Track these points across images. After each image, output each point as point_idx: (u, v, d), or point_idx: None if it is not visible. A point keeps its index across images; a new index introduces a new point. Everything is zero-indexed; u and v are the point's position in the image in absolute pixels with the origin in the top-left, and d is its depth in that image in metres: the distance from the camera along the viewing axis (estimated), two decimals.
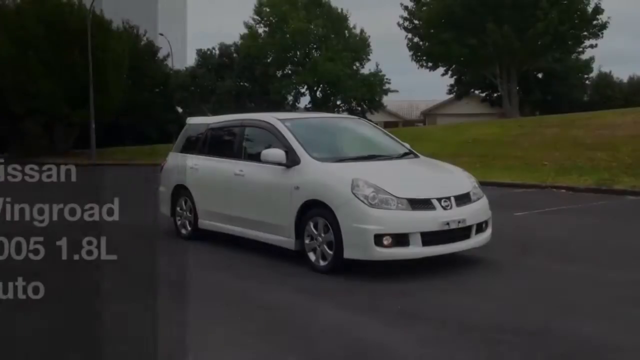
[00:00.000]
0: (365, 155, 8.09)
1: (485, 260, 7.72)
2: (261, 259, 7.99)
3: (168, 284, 6.67)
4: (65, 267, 4.46)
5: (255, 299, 6.18)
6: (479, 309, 5.77)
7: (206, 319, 5.57)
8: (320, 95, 47.40)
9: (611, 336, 5.08)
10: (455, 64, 44.10)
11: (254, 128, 8.71)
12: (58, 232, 4.42)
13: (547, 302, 5.98)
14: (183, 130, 10.33)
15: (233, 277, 7.13)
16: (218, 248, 8.76)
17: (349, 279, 6.81)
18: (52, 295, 4.32)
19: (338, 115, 11.70)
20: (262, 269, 7.49)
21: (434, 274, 6.99)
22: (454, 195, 7.23)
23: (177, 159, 9.92)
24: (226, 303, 6.06)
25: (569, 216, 11.57)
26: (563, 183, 16.35)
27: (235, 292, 6.48)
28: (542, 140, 21.56)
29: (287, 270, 7.33)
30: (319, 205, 7.19)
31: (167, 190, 9.72)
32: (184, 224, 9.45)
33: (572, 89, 50.28)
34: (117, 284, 6.30)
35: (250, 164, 8.32)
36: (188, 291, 6.47)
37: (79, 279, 5.33)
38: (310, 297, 6.25)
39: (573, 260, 7.73)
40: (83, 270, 5.49)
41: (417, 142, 24.88)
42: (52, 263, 4.36)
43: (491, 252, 8.06)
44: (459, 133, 25.71)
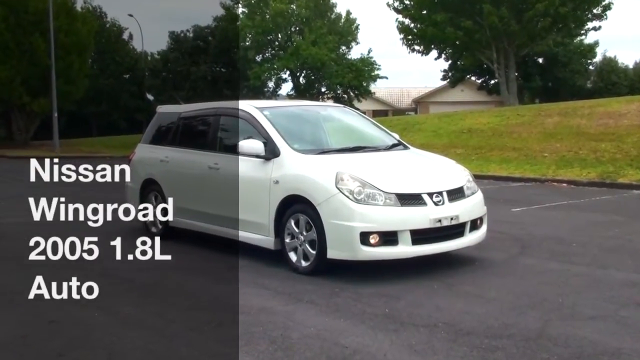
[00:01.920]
0: (351, 147, 8.09)
1: (480, 260, 7.75)
2: (237, 259, 7.96)
3: (136, 287, 6.68)
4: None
5: (230, 303, 6.15)
6: (473, 312, 5.79)
7: (177, 326, 5.55)
8: (304, 82, 47.33)
9: (613, 341, 5.11)
10: (449, 48, 44.17)
11: (230, 117, 8.68)
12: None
13: (546, 304, 6.00)
14: (153, 120, 10.28)
15: (206, 280, 7.10)
16: (190, 248, 8.72)
17: (332, 281, 6.80)
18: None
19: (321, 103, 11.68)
20: (238, 271, 7.46)
21: (424, 275, 7.00)
22: (447, 190, 7.25)
23: (146, 150, 9.88)
24: (199, 308, 6.03)
25: (571, 212, 11.64)
26: (564, 176, 16.47)
27: (208, 296, 6.45)
28: (542, 130, 21.67)
29: (266, 271, 7.32)
30: (300, 201, 7.18)
31: (136, 185, 9.68)
32: (154, 221, 9.39)
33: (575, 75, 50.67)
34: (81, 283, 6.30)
35: (226, 157, 8.29)
36: (158, 295, 6.46)
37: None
38: (290, 301, 6.24)
39: (574, 260, 7.78)
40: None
41: (407, 133, 25.17)
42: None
43: (486, 251, 8.08)
44: (453, 123, 25.79)
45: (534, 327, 5.40)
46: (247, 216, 7.85)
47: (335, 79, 45.03)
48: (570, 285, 6.67)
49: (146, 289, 6.70)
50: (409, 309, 5.92)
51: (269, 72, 45.79)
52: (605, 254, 8.07)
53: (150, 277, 7.12)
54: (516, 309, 5.88)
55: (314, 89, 47.50)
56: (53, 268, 6.08)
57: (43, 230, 6.02)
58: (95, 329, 5.51)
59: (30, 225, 6.09)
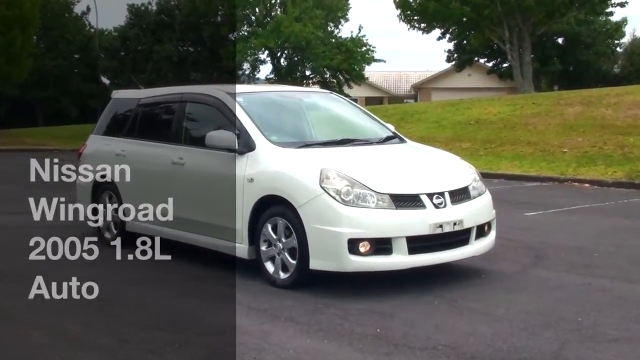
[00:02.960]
0: (338, 140, 8.09)
1: (488, 272, 7.76)
2: (205, 270, 7.93)
3: (87, 303, 6.64)
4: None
5: (196, 321, 6.13)
6: (478, 333, 5.79)
7: (132, 347, 5.53)
8: (285, 64, 47.29)
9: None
10: (455, 26, 44.26)
11: (198, 104, 8.66)
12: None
13: (563, 324, 6.02)
14: (107, 107, 10.27)
15: (168, 294, 7.07)
16: (150, 257, 8.69)
17: (315, 296, 6.79)
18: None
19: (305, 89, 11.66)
20: (205, 284, 7.44)
21: (422, 290, 7.01)
22: (449, 190, 7.26)
23: (100, 143, 9.86)
24: (158, 327, 6.00)
25: (593, 217, 11.69)
26: (586, 175, 16.54)
27: (170, 312, 6.43)
28: (561, 121, 21.76)
29: (238, 284, 7.29)
30: (278, 203, 7.17)
31: (87, 183, 9.63)
32: (108, 226, 9.37)
33: (600, 59, 50.95)
34: (14, 303, 6.30)
35: (193, 150, 8.28)
36: (112, 311, 6.43)
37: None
38: (266, 318, 6.23)
39: (596, 273, 7.81)
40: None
41: (405, 124, 25.21)
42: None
43: (495, 261, 8.10)
44: (459, 112, 25.85)
45: (548, 351, 5.41)
46: (216, 220, 7.83)
47: (323, 60, 45.01)
48: (591, 302, 6.69)
49: (99, 305, 6.66)
50: (404, 328, 5.91)
51: (245, 52, 45.71)
52: (632, 266, 8.10)
53: (103, 290, 7.07)
54: (528, 329, 5.89)
55: (297, 73, 47.47)
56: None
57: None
58: (36, 351, 5.47)
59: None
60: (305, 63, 46.95)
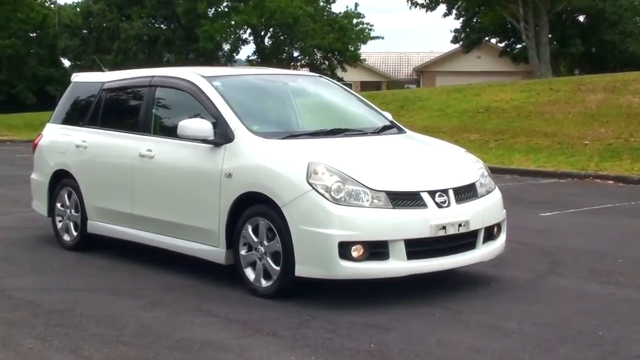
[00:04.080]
0: (328, 130, 8.10)
1: (497, 280, 7.79)
2: (177, 277, 7.94)
3: (43, 313, 6.64)
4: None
5: (167, 335, 6.13)
6: (486, 349, 5.81)
7: None
8: (270, 44, 47.29)
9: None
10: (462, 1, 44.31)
11: (169, 89, 8.67)
12: None
13: (581, 339, 6.04)
14: (67, 92, 10.28)
15: (135, 304, 7.06)
16: (115, 262, 8.72)
17: (302, 306, 6.80)
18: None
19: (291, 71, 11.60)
20: (177, 293, 7.45)
21: (422, 300, 7.03)
22: (454, 188, 7.28)
23: (58, 133, 9.85)
24: (123, 342, 6.00)
25: (617, 218, 11.73)
26: (610, 171, 16.60)
27: (137, 325, 6.42)
28: (582, 110, 21.83)
29: (214, 293, 7.31)
30: (260, 201, 7.18)
31: (44, 179, 9.65)
32: (67, 226, 9.39)
33: (626, 39, 50.95)
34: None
35: (163, 141, 8.29)
36: (71, 323, 6.42)
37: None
38: (245, 332, 6.22)
39: (620, 281, 7.84)
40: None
41: (406, 112, 25.26)
42: None
43: (505, 268, 8.13)
44: (466, 99, 25.90)
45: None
46: (189, 220, 7.84)
47: (312, 40, 45.05)
48: (614, 314, 6.71)
49: (56, 315, 6.66)
50: (402, 343, 5.92)
51: (224, 30, 45.66)
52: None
53: (62, 301, 7.08)
54: (542, 344, 5.91)
55: (283, 54, 47.48)
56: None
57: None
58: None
59: None
60: (293, 43, 46.92)
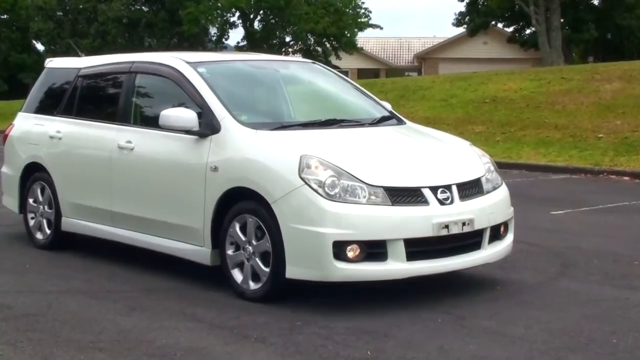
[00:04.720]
0: (322, 121, 8.10)
1: (504, 283, 7.79)
2: (158, 279, 7.94)
3: (13, 317, 6.63)
4: None
5: (148, 341, 6.13)
6: (492, 357, 5.82)
7: None
8: (260, 28, 47.24)
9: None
10: None
11: (151, 76, 8.67)
12: None
13: (594, 346, 6.04)
14: (40, 79, 10.27)
15: (113, 308, 7.06)
16: (92, 262, 8.72)
17: (293, 311, 6.80)
18: None
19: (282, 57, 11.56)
20: (159, 296, 7.45)
21: (423, 304, 7.03)
22: (457, 183, 7.28)
23: (30, 123, 9.84)
24: (100, 348, 6.00)
25: (634, 217, 11.75)
26: (626, 166, 16.62)
27: (115, 331, 6.42)
28: (596, 100, 21.85)
29: (199, 297, 7.31)
30: (248, 197, 7.18)
31: (15, 173, 9.65)
32: (40, 224, 9.38)
33: None
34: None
35: (144, 132, 8.30)
36: (44, 328, 6.42)
37: None
38: (233, 338, 6.23)
39: (635, 284, 7.86)
40: None
41: (406, 101, 25.26)
42: None
43: (513, 270, 8.13)
44: (472, 88, 25.92)
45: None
46: (171, 217, 7.84)
47: (306, 24, 45.02)
48: (629, 319, 6.72)
49: (28, 319, 6.65)
50: (401, 351, 5.92)
51: (211, 13, 45.61)
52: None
53: (35, 304, 7.06)
54: (552, 352, 5.91)
55: (274, 39, 47.44)
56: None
57: None
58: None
59: None
60: (285, 27, 46.88)
